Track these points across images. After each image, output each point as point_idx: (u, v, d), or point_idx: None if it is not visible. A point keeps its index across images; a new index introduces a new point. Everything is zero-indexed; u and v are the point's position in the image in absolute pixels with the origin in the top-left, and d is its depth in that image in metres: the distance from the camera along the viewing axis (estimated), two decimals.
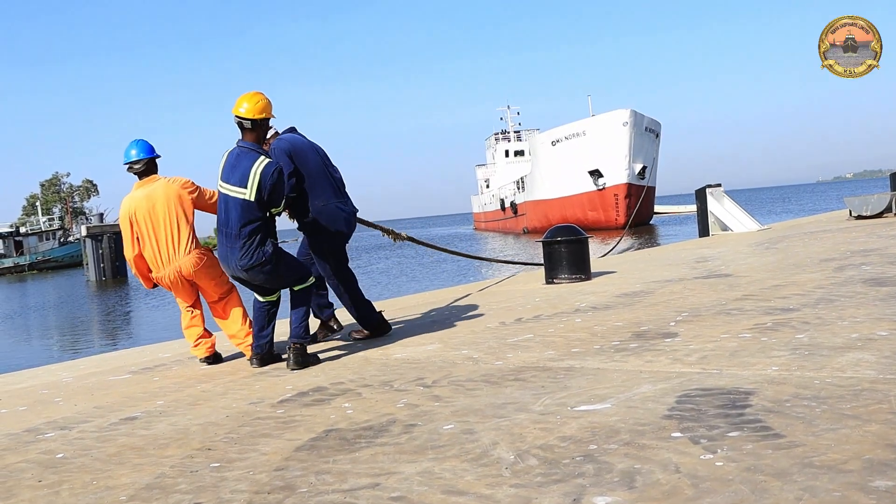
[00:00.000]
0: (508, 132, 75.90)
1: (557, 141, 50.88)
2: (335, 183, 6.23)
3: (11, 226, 78.00)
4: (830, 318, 5.26)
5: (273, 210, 5.60)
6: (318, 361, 5.68)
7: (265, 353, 5.82)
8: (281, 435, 3.74)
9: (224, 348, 6.48)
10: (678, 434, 3.08)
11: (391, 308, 8.95)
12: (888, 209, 15.37)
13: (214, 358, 6.21)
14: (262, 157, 5.55)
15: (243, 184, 5.48)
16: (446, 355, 5.45)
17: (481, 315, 7.41)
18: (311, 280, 5.86)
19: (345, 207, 6.24)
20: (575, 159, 48.81)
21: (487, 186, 75.96)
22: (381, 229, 8.13)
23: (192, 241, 5.99)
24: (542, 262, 10.21)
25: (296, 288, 5.76)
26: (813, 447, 2.77)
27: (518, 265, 13.86)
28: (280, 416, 4.13)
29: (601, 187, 48.19)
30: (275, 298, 5.91)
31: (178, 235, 5.94)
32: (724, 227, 17.22)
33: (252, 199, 5.46)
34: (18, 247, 73.84)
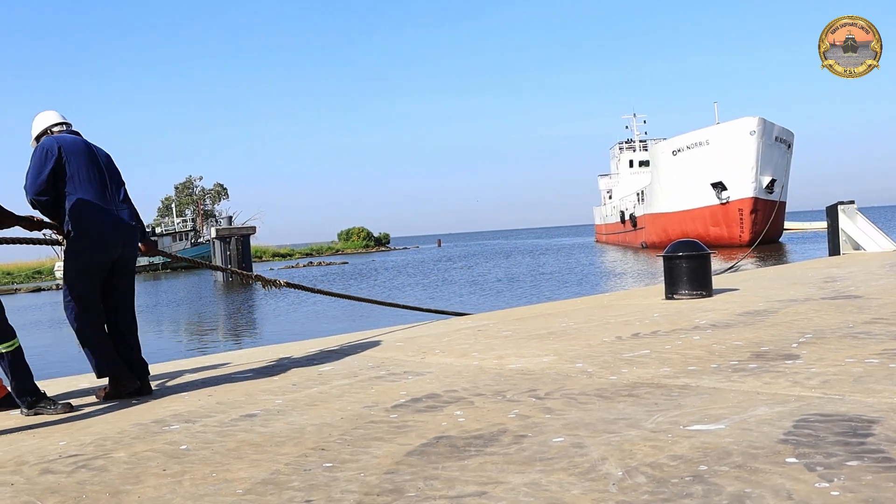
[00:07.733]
0: (633, 141, 73.90)
1: (679, 150, 48.40)
2: (103, 184, 5.39)
3: (148, 226, 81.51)
4: None
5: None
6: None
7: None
8: (393, 439, 3.82)
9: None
10: (793, 460, 2.99)
11: (507, 318, 8.98)
12: None
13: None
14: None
15: None
16: (560, 368, 5.44)
17: (598, 329, 7.35)
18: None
19: (113, 212, 5.38)
20: (697, 170, 46.25)
21: (610, 197, 74.33)
22: (253, 278, 7.93)
23: None
24: (458, 313, 10.50)
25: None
26: None
27: (434, 314, 10.66)
28: (393, 421, 4.21)
29: (725, 201, 45.71)
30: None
31: None
32: (857, 246, 16.50)
33: None
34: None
